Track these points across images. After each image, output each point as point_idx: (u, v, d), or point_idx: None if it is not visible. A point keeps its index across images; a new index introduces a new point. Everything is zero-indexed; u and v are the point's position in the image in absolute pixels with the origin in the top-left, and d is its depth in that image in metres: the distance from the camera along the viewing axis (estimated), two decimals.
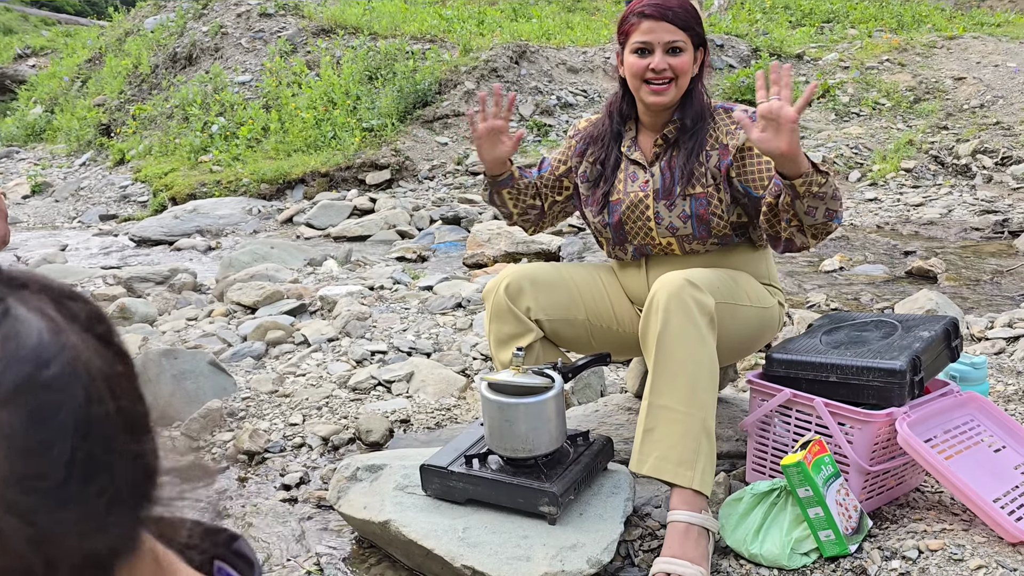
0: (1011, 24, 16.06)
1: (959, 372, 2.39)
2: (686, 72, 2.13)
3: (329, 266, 5.41)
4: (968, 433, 2.08)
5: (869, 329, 2.22)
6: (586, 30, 14.06)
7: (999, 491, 1.92)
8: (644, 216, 2.21)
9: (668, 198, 2.17)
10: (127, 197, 9.86)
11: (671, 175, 2.17)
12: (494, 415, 1.95)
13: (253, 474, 2.57)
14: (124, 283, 4.98)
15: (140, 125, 11.96)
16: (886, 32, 14.23)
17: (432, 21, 13.62)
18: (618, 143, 2.27)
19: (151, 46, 13.83)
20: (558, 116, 10.24)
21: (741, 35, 12.52)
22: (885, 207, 7.19)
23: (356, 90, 10.33)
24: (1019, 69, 10.78)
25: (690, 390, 1.92)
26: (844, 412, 1.99)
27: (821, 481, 1.85)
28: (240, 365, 3.45)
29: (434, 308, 4.17)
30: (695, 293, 1.94)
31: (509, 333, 2.18)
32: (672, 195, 2.17)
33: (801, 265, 5.30)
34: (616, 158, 2.27)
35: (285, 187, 8.87)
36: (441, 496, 2.01)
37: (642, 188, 2.21)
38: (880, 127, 9.63)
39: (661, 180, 2.19)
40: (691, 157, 2.15)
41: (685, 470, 1.90)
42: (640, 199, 2.21)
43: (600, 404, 2.70)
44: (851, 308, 4.18)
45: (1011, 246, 5.53)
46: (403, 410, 2.93)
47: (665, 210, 2.18)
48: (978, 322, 3.66)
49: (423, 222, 7.33)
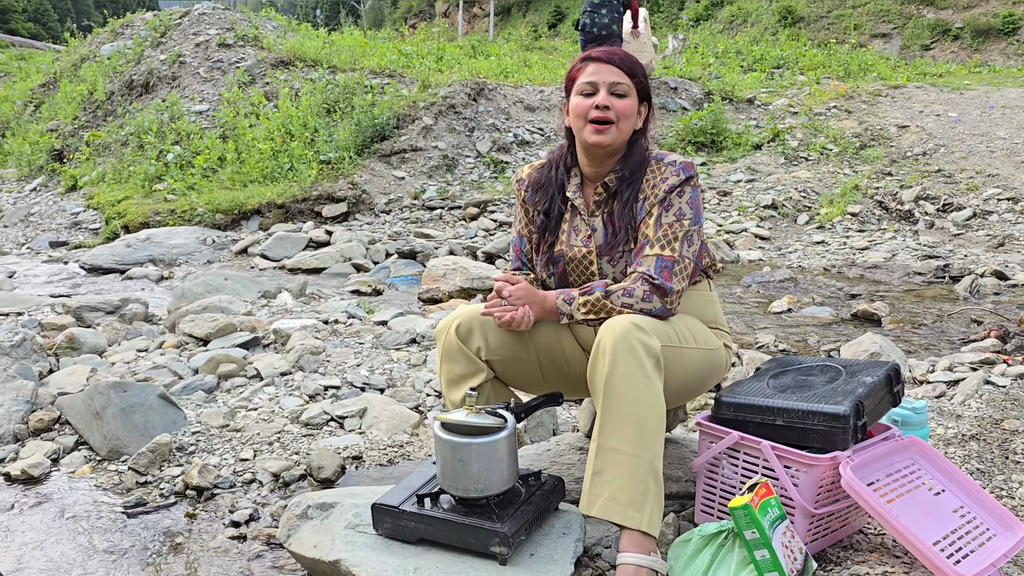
0: (952, 75, 16.64)
1: (901, 416, 2.46)
2: (628, 116, 2.19)
3: (283, 299, 5.38)
4: (909, 477, 2.14)
5: (815, 373, 2.28)
6: (543, 69, 14.27)
7: (939, 534, 1.98)
8: (588, 272, 2.26)
9: (611, 253, 2.22)
10: (79, 224, 9.71)
11: (612, 229, 2.22)
12: (447, 454, 1.96)
13: (202, 510, 2.54)
14: (73, 312, 4.89)
15: (94, 151, 11.81)
16: (833, 79, 14.66)
17: (391, 56, 13.71)
18: (562, 191, 2.32)
19: (107, 72, 13.70)
20: (515, 153, 10.34)
21: (694, 78, 12.80)
22: (832, 250, 7.37)
23: (314, 122, 10.34)
24: (959, 119, 11.16)
25: (638, 432, 1.95)
26: (790, 455, 2.04)
27: (768, 523, 1.89)
28: (191, 398, 3.42)
29: (389, 343, 4.17)
30: (641, 336, 1.98)
31: (460, 373, 2.21)
32: (614, 251, 2.22)
33: (751, 307, 5.40)
34: (559, 208, 2.31)
35: (240, 218, 8.81)
36: (392, 535, 2.01)
37: (584, 244, 2.26)
38: (827, 171, 9.89)
39: (603, 235, 2.24)
40: (626, 209, 2.20)
41: (634, 512, 1.93)
42: (584, 255, 2.26)
43: (552, 443, 2.72)
44: (799, 349, 4.27)
45: (951, 291, 5.70)
46: (356, 446, 2.93)
47: (608, 265, 2.24)
48: (920, 365, 3.77)
49: (379, 256, 7.33)
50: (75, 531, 2.42)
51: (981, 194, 8.72)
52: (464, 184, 9.55)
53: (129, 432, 2.94)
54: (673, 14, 33.90)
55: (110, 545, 2.34)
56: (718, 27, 29.46)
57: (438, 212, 8.83)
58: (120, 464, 2.83)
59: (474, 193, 9.22)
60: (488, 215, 8.62)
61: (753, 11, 30.14)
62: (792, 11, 27.72)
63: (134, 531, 2.42)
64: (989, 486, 2.51)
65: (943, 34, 25.22)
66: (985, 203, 8.50)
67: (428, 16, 55.11)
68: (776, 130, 11.00)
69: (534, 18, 45.58)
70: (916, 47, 25.09)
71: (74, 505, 2.57)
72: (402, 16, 57.39)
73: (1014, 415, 3.05)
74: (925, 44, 25.06)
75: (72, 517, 2.50)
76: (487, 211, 8.72)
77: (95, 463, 2.86)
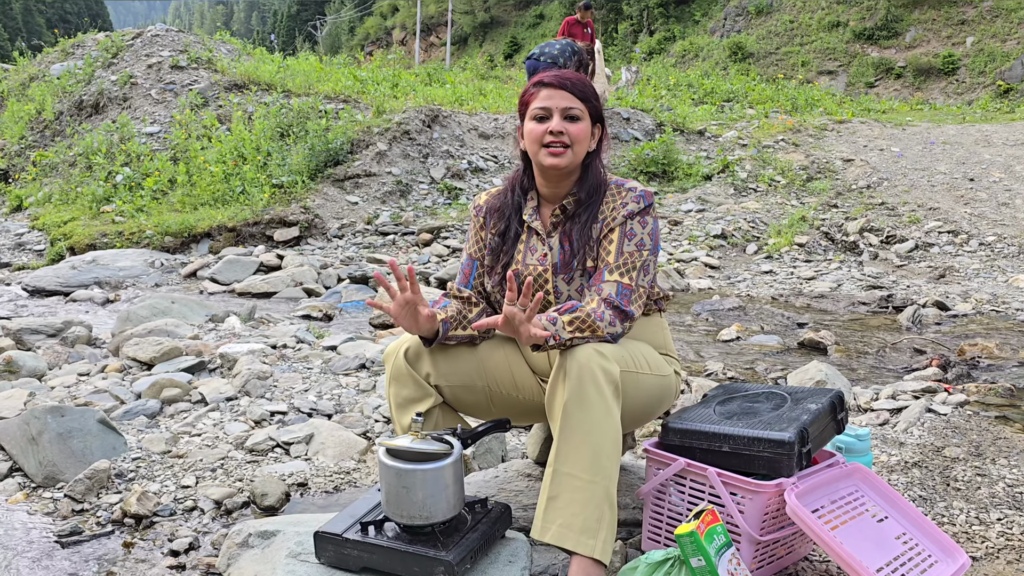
0: (895, 111, 17.13)
1: (845, 443, 2.49)
2: (582, 140, 2.21)
3: (232, 323, 5.30)
4: (853, 503, 2.16)
5: (760, 400, 2.30)
6: (498, 97, 14.37)
7: (882, 560, 1.99)
8: (543, 290, 2.25)
9: (566, 272, 2.23)
10: (23, 245, 9.49)
11: (569, 248, 2.23)
12: (391, 481, 1.93)
13: (140, 539, 2.47)
14: (13, 335, 4.77)
15: (40, 172, 11.59)
16: (781, 113, 15.00)
17: (346, 81, 13.71)
18: (519, 214, 2.32)
19: (56, 92, 13.49)
20: (469, 180, 10.37)
21: (647, 110, 13.00)
22: (780, 279, 7.49)
23: (267, 146, 10.27)
24: (902, 154, 11.47)
25: (594, 458, 1.95)
26: (736, 482, 2.05)
27: (713, 551, 1.89)
28: (132, 424, 3.33)
29: (337, 368, 4.12)
30: (602, 362, 1.99)
31: (408, 397, 2.18)
32: (570, 269, 2.22)
33: (700, 334, 5.45)
34: (516, 230, 2.31)
35: (190, 240, 8.69)
36: (335, 564, 1.97)
37: (540, 262, 2.26)
38: (776, 203, 10.07)
39: (559, 253, 2.24)
40: (584, 230, 2.21)
41: (587, 539, 1.92)
42: (539, 273, 2.26)
43: (500, 470, 2.70)
44: (747, 377, 4.31)
45: (895, 320, 5.81)
46: (301, 473, 2.88)
47: (564, 284, 2.24)
48: (864, 393, 3.83)
49: (331, 281, 7.27)
50: (6, 560, 2.33)
51: (923, 227, 8.95)
52: (418, 210, 9.54)
53: (66, 458, 2.85)
54: (627, 47, 34.45)
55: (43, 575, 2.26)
56: (670, 61, 30.02)
57: (391, 237, 8.80)
58: (56, 491, 2.75)
59: (428, 219, 9.21)
60: (441, 241, 8.62)
61: (704, 46, 30.77)
62: (742, 47, 28.35)
63: (68, 561, 2.34)
64: (931, 513, 2.55)
65: (887, 72, 25.97)
66: (927, 235, 8.72)
67: (385, 43, 55.30)
68: (726, 161, 11.20)
69: (490, 48, 46.01)
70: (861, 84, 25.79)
71: (6, 533, 2.48)
72: (359, 43, 57.54)
73: (955, 443, 3.11)
74: (870, 82, 25.77)
75: (3, 546, 2.41)
76: (440, 237, 8.72)
77: (29, 490, 2.77)
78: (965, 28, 26.08)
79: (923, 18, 27.38)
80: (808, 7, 30.26)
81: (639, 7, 37.76)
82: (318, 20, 70.79)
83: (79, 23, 52.93)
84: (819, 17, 29.29)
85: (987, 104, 19.79)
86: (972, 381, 4.02)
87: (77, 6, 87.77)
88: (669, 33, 35.05)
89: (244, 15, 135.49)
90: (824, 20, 28.96)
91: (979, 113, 16.97)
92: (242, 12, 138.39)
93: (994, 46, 24.35)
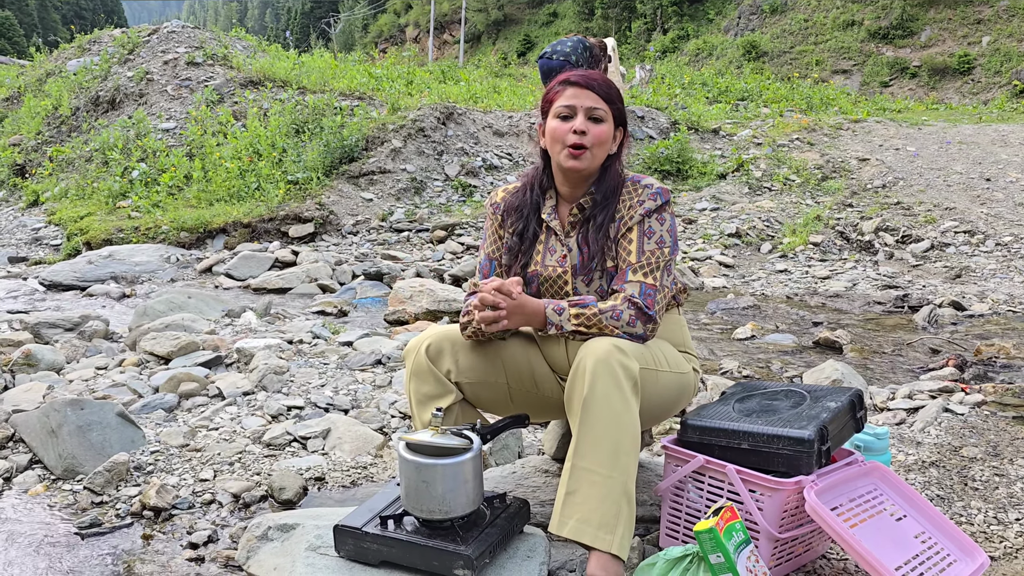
0: (910, 111, 17.04)
1: (863, 442, 2.48)
2: (604, 142, 2.21)
3: (247, 318, 5.32)
4: (872, 502, 2.15)
5: (779, 398, 2.29)
6: (512, 95, 14.37)
7: (900, 559, 1.99)
8: (563, 291, 2.26)
9: (586, 274, 2.23)
10: (39, 240, 9.55)
11: (588, 250, 2.23)
12: (411, 475, 1.94)
13: (159, 532, 2.48)
14: (31, 328, 4.80)
15: (57, 167, 11.66)
16: (796, 112, 14.94)
17: (361, 79, 13.74)
18: (537, 213, 2.32)
19: (73, 88, 13.56)
20: (483, 177, 10.38)
21: (661, 108, 12.97)
22: (794, 278, 7.47)
23: (282, 142, 10.30)
24: (918, 153, 11.41)
25: (613, 454, 1.95)
26: (755, 479, 2.04)
27: (732, 547, 1.89)
28: (150, 417, 3.35)
29: (353, 364, 4.13)
30: (622, 358, 1.99)
31: (428, 393, 2.19)
32: (589, 271, 2.23)
33: (715, 333, 5.44)
34: (534, 230, 2.31)
35: (206, 236, 8.73)
36: (354, 558, 1.98)
37: (560, 263, 2.26)
38: (790, 202, 10.04)
39: (579, 255, 2.25)
40: (600, 231, 2.21)
41: (605, 534, 1.92)
42: (559, 275, 2.26)
43: (518, 466, 2.71)
44: (762, 375, 4.30)
45: (911, 320, 5.79)
46: (318, 467, 2.89)
47: (583, 285, 2.24)
48: (880, 393, 3.81)
49: (345, 277, 7.29)
50: (26, 553, 2.35)
51: (939, 226, 8.90)
52: (432, 207, 9.55)
53: (85, 451, 2.87)
54: (640, 46, 34.42)
55: (62, 568, 2.28)
56: (684, 59, 29.95)
57: (405, 234, 8.82)
58: (75, 483, 2.77)
59: (442, 216, 9.23)
60: (456, 238, 8.63)
61: (718, 45, 30.69)
62: (756, 46, 28.27)
63: (88, 553, 2.36)
64: (949, 512, 2.54)
65: (901, 72, 25.86)
66: (943, 235, 8.67)
67: (399, 41, 55.41)
68: (740, 160, 11.17)
69: (503, 46, 46.01)
70: (875, 83, 25.68)
71: (26, 526, 2.51)
72: (372, 40, 57.68)
73: (972, 443, 3.09)
74: (884, 81, 25.66)
75: (23, 538, 2.43)
76: (455, 234, 8.73)
77: (49, 482, 2.79)
78: (981, 28, 25.94)
79: (938, 17, 27.25)
80: (823, 6, 30.16)
81: (652, 5, 37.71)
82: (332, 17, 71.01)
83: (94, 19, 53.22)
84: (834, 16, 29.18)
85: (1003, 104, 19.67)
86: (989, 381, 4.00)
87: (92, 3, 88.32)
88: (683, 32, 34.99)
89: (258, 12, 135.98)
90: (839, 19, 28.86)
91: (995, 113, 16.87)
92: (256, 9, 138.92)
93: (1010, 46, 24.20)
